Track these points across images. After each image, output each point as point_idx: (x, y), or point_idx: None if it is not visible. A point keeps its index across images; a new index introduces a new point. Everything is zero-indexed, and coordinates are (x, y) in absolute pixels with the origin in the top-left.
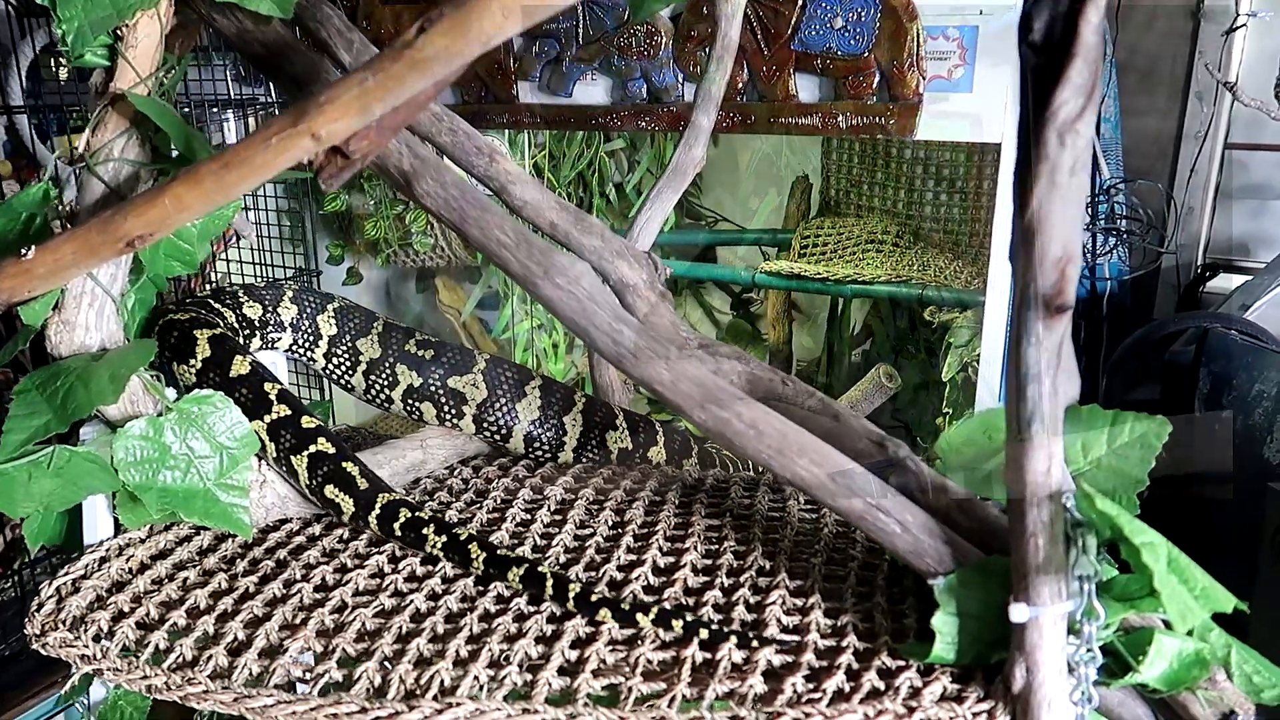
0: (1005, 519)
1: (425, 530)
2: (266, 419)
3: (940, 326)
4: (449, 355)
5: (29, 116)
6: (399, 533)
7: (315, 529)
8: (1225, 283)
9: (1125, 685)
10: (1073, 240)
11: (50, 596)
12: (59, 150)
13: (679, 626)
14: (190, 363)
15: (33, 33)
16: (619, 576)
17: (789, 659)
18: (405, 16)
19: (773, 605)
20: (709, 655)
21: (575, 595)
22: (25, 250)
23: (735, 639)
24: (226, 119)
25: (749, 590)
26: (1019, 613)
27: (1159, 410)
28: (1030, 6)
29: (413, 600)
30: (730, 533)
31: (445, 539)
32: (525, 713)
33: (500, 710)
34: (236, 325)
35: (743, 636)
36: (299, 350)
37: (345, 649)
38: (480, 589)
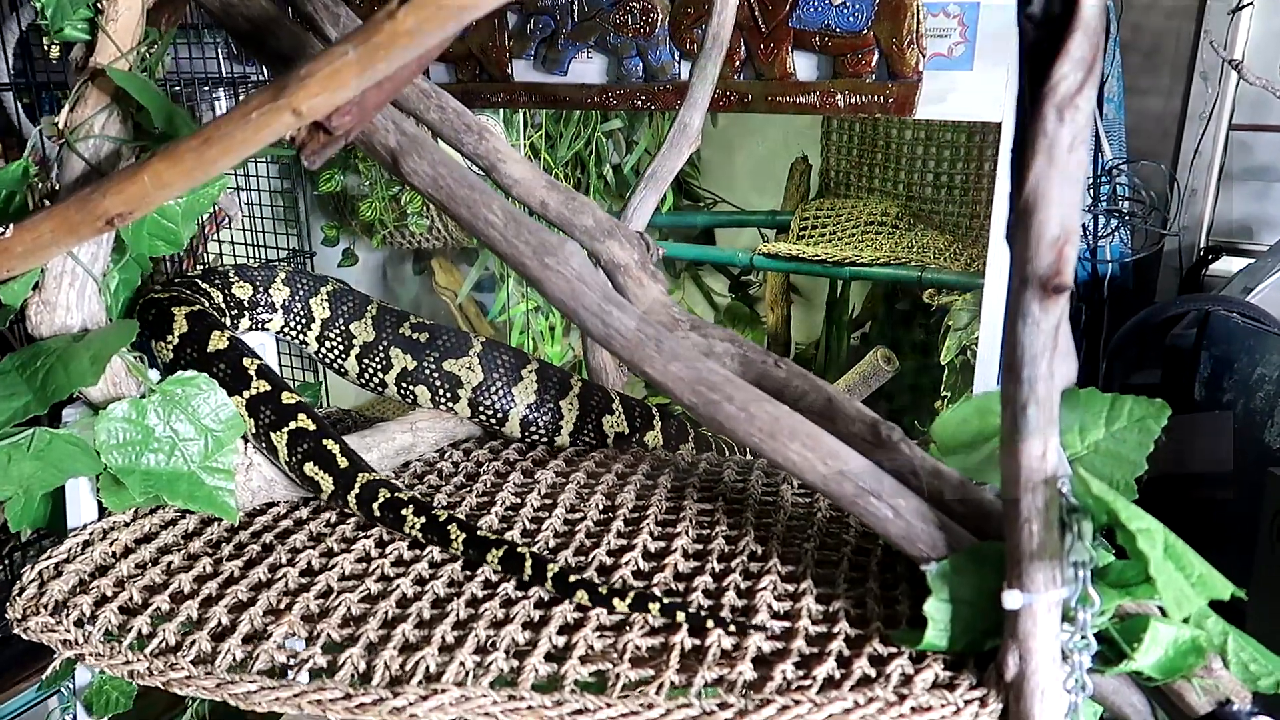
0: (1000, 504)
1: (404, 511)
2: (245, 394)
3: (939, 309)
4: (444, 338)
5: (17, 94)
6: (378, 513)
7: (302, 513)
8: (1228, 265)
9: (1120, 673)
10: (1071, 219)
11: (32, 581)
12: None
13: (656, 609)
14: (167, 339)
15: (19, 9)
16: (609, 561)
17: (779, 645)
18: None
19: (764, 591)
20: (698, 642)
21: (553, 575)
22: (3, 229)
23: (712, 623)
24: (218, 97)
25: (740, 576)
26: (1013, 599)
27: (1160, 394)
28: None
29: (399, 585)
30: (722, 517)
31: (424, 520)
32: (512, 699)
33: (486, 697)
34: (224, 305)
35: (720, 620)
36: (291, 333)
37: (330, 634)
38: (467, 574)
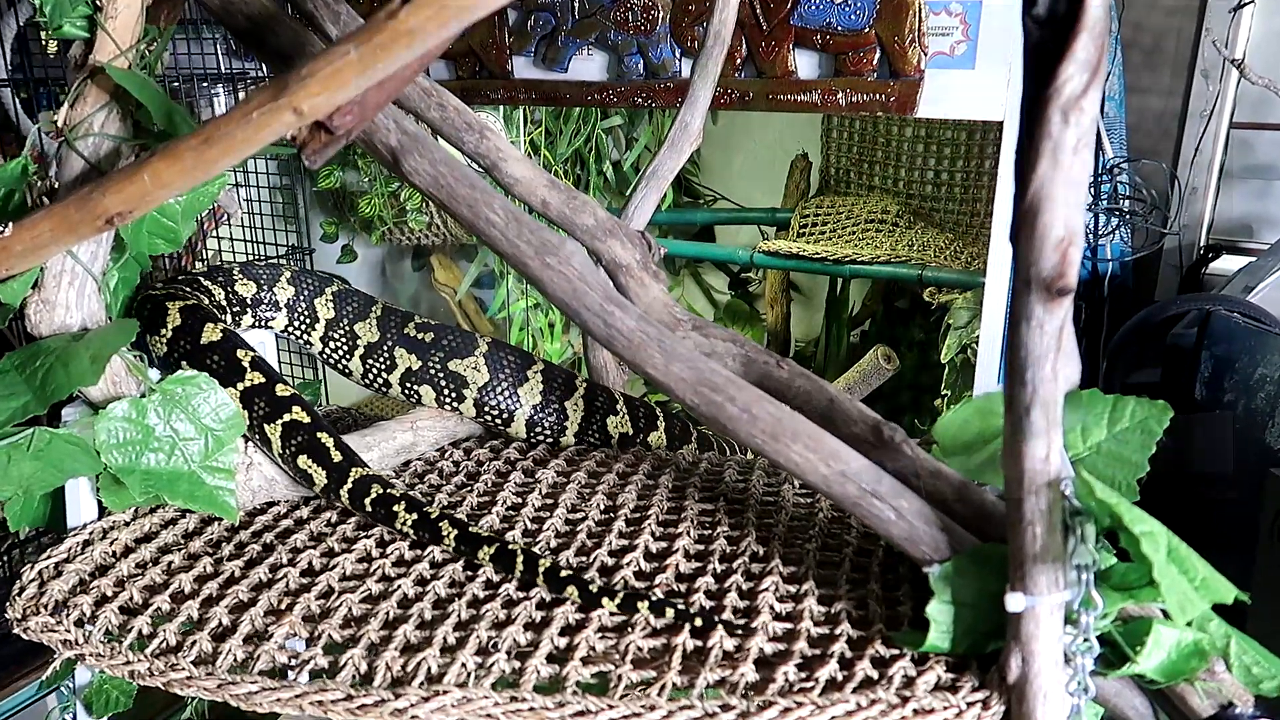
0: (1002, 506)
1: (396, 507)
2: (240, 386)
3: (939, 307)
4: (450, 338)
5: (14, 90)
6: (369, 508)
7: (303, 512)
8: (1228, 264)
9: (1122, 676)
10: (1075, 221)
11: (32, 580)
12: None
13: (645, 609)
14: (161, 332)
15: (17, 4)
16: (610, 562)
17: (781, 647)
18: None
19: (766, 592)
20: (700, 643)
21: (545, 570)
22: (2, 227)
23: (702, 622)
24: (216, 94)
25: (742, 577)
26: (1015, 602)
27: (1160, 394)
28: None
29: (400, 585)
30: (724, 518)
31: (416, 516)
32: (513, 701)
33: (488, 698)
34: (225, 303)
35: (709, 619)
36: (294, 332)
37: (331, 635)
38: (469, 574)
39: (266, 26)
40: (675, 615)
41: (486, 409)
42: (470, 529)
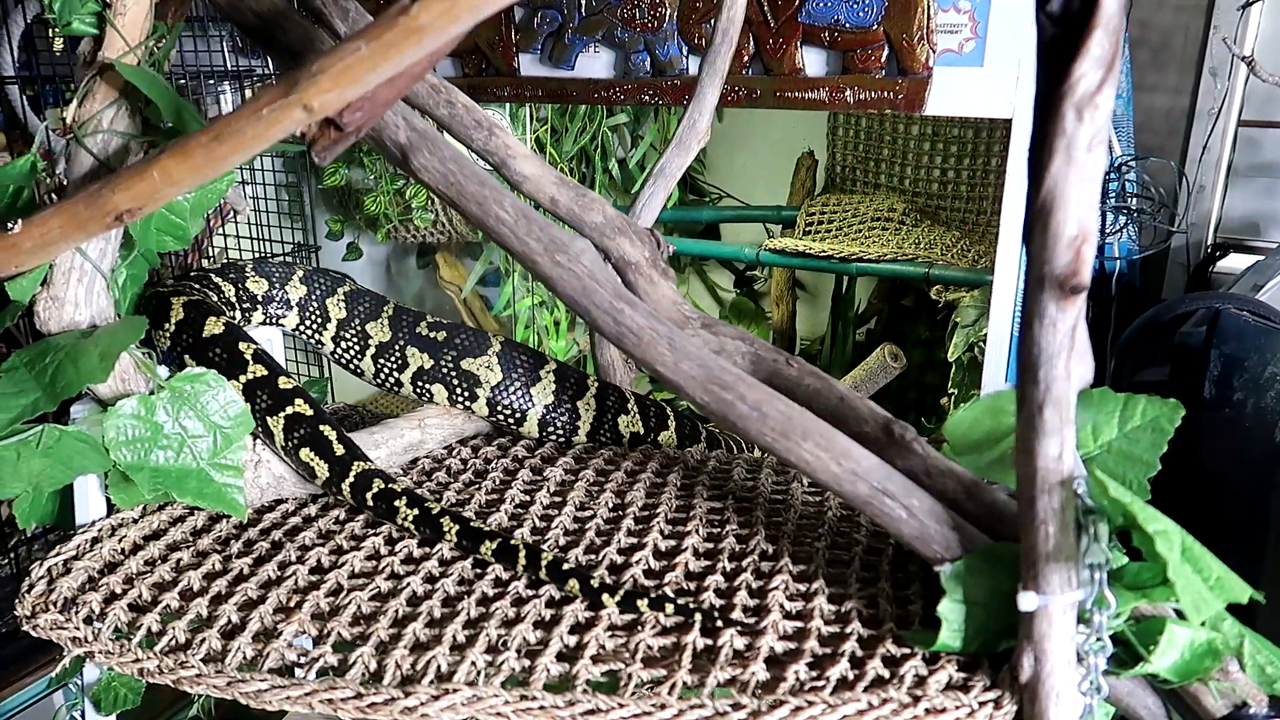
0: (1014, 504)
1: (397, 502)
2: (242, 379)
3: (946, 305)
4: (462, 337)
5: (22, 87)
6: (371, 503)
7: (311, 510)
8: (1236, 263)
9: (1135, 675)
10: (1089, 219)
11: (41, 577)
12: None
13: (644, 606)
14: (164, 326)
15: (24, 2)
16: (619, 560)
17: (792, 646)
18: None
19: (776, 590)
20: (710, 642)
21: (548, 564)
22: (11, 224)
23: (703, 618)
24: (223, 91)
25: (751, 575)
26: (1028, 601)
27: (1168, 392)
28: None
29: (409, 583)
30: (733, 516)
31: (417, 511)
32: (523, 699)
33: (498, 697)
34: (235, 299)
35: (708, 616)
36: (306, 332)
37: (340, 633)
38: (478, 572)
39: (275, 23)
40: (675, 610)
41: (500, 408)
42: (472, 524)
